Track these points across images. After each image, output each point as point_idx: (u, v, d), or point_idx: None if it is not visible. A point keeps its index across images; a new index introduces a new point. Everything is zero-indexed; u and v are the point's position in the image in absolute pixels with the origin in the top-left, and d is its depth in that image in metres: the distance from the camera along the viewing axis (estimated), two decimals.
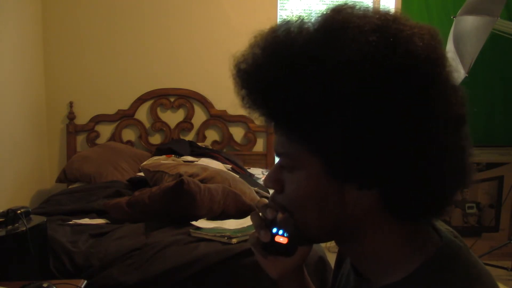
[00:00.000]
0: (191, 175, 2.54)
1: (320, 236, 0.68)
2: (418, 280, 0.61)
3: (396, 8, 3.73)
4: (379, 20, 0.60)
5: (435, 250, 0.63)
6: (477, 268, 0.63)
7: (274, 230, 0.71)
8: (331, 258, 2.13)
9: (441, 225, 0.69)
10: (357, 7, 0.62)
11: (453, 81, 0.62)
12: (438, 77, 0.60)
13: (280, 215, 0.69)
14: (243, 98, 0.67)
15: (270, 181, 0.68)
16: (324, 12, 0.63)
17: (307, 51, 0.59)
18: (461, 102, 0.62)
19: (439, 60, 0.60)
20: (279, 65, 0.61)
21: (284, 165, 0.66)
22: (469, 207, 3.35)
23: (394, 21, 0.60)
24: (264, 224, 0.72)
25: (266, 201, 0.76)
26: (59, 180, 3.31)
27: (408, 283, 0.62)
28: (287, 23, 0.64)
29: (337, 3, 0.64)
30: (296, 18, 0.64)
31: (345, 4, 0.63)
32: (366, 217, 0.63)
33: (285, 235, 0.72)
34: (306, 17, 0.64)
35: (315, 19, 0.62)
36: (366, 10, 0.62)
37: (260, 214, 0.74)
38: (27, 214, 1.77)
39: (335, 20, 0.60)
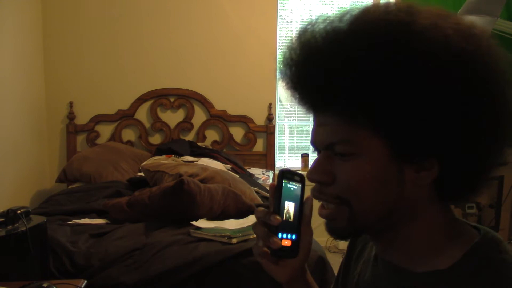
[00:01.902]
0: (191, 175, 2.55)
1: (374, 222, 0.66)
2: (472, 263, 0.62)
3: None
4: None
5: (477, 238, 0.64)
6: None
7: (279, 235, 0.74)
8: (331, 258, 2.14)
9: (467, 221, 0.71)
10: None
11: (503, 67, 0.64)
12: (494, 63, 0.62)
13: (327, 209, 0.68)
14: (295, 89, 0.66)
15: (318, 173, 0.66)
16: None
17: (382, 35, 0.60)
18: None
19: (491, 50, 0.63)
20: (341, 48, 0.61)
21: (338, 154, 0.65)
22: (469, 207, 3.34)
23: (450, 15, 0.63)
24: (271, 232, 0.73)
25: (263, 209, 0.76)
26: (59, 180, 3.31)
27: (458, 269, 0.62)
28: (347, 11, 0.64)
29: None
30: (356, 8, 0.65)
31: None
32: (420, 199, 0.65)
33: (288, 237, 0.75)
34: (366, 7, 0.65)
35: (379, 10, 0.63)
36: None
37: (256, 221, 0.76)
38: (27, 214, 1.77)
39: (404, 13, 0.62)
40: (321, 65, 0.62)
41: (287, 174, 0.76)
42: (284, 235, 0.75)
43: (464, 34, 0.60)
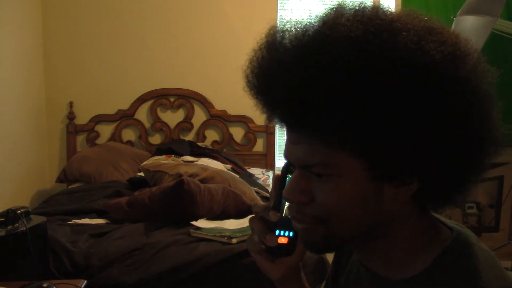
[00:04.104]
0: (191, 175, 2.55)
1: (351, 239, 0.66)
2: (439, 269, 0.62)
3: (396, 7, 3.73)
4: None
5: (449, 240, 0.65)
6: (491, 254, 0.65)
7: (277, 232, 0.72)
8: (331, 258, 2.14)
9: (444, 219, 0.70)
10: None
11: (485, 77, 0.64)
12: (473, 77, 0.61)
13: (298, 225, 0.67)
14: (266, 109, 0.65)
15: (295, 194, 0.64)
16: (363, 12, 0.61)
17: (357, 51, 0.57)
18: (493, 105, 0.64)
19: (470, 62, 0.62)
20: (318, 67, 0.58)
21: (315, 174, 0.63)
22: (469, 207, 3.34)
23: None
24: (268, 228, 0.72)
25: (263, 203, 0.76)
26: (59, 180, 3.31)
27: (430, 273, 0.63)
28: (317, 22, 0.62)
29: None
30: (325, 14, 0.62)
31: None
32: (399, 212, 0.65)
33: (285, 235, 0.73)
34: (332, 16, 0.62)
35: (353, 19, 0.60)
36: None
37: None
38: (27, 214, 1.77)
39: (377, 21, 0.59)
40: (293, 85, 0.59)
41: (292, 168, 0.72)
42: (282, 232, 0.73)
43: (448, 56, 0.59)
